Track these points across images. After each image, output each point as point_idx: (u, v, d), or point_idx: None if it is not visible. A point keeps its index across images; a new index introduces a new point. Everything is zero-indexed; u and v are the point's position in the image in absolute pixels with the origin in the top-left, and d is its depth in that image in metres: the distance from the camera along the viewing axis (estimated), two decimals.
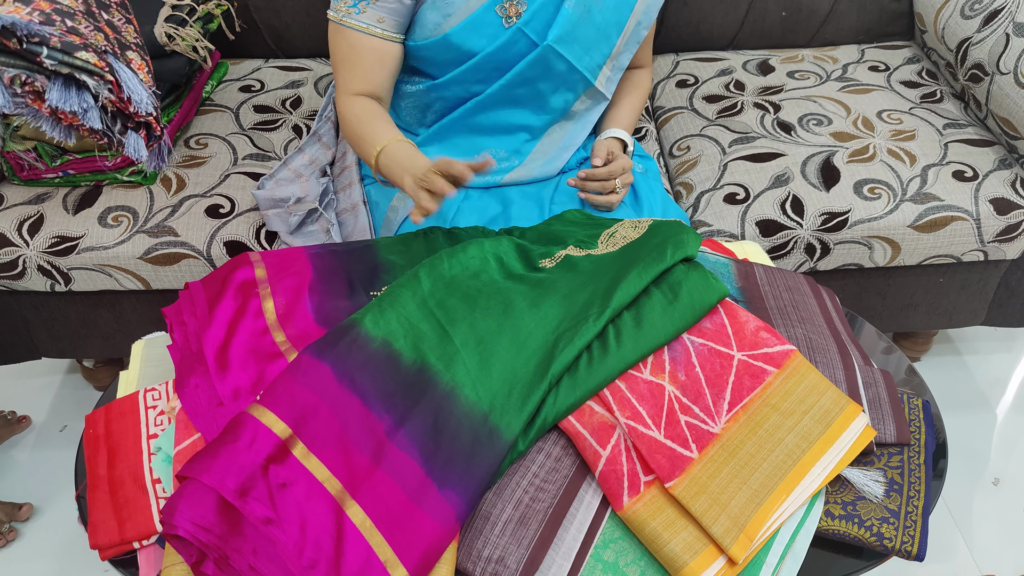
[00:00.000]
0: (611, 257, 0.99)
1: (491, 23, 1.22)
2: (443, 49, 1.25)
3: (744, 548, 0.77)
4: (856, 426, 0.88)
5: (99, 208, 1.47)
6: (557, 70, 1.26)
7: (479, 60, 1.25)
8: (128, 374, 1.05)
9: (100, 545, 0.87)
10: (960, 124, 1.61)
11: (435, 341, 0.86)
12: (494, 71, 1.27)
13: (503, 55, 1.25)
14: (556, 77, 1.28)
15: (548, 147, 1.36)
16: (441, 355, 0.84)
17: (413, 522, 0.73)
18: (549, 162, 1.36)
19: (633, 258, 0.97)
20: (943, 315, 1.67)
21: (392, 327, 0.87)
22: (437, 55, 1.26)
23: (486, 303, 0.90)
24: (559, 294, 0.92)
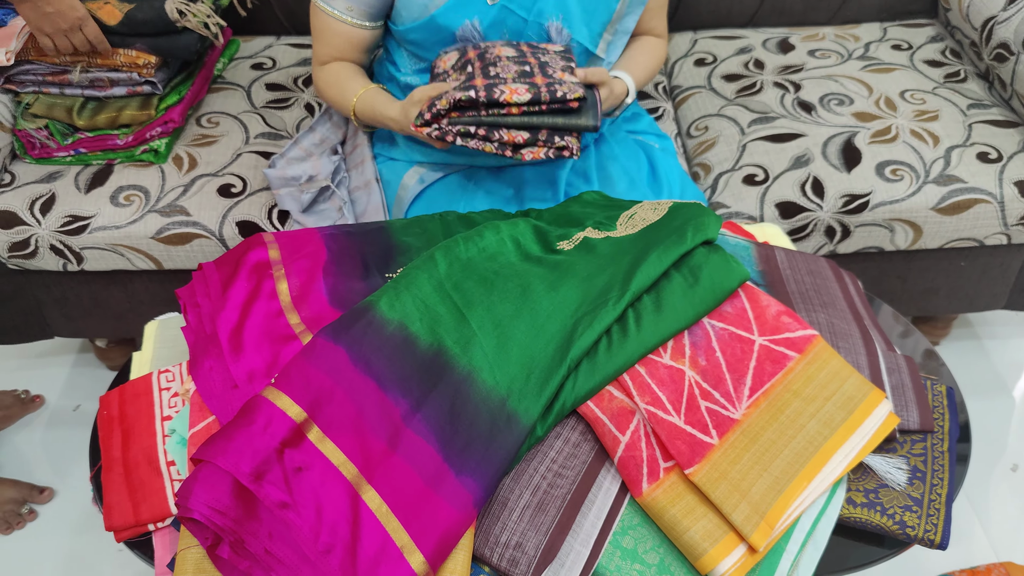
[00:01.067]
0: (630, 239, 0.98)
1: (476, 1, 1.20)
2: (430, 31, 1.23)
3: (765, 535, 0.76)
4: (879, 413, 0.86)
5: (111, 187, 1.46)
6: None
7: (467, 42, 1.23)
8: (141, 355, 1.05)
9: (115, 527, 0.87)
10: (984, 105, 1.58)
11: (452, 324, 0.84)
12: None
13: (496, 36, 1.23)
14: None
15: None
16: (458, 339, 0.83)
17: (430, 508, 0.72)
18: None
19: (653, 240, 0.95)
20: (964, 299, 1.64)
21: (408, 310, 0.85)
22: (425, 37, 1.25)
23: (503, 286, 0.89)
24: (578, 277, 0.90)
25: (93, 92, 1.46)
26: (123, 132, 1.47)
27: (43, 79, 1.45)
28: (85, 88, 1.46)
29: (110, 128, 1.47)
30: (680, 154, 1.57)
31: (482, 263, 0.92)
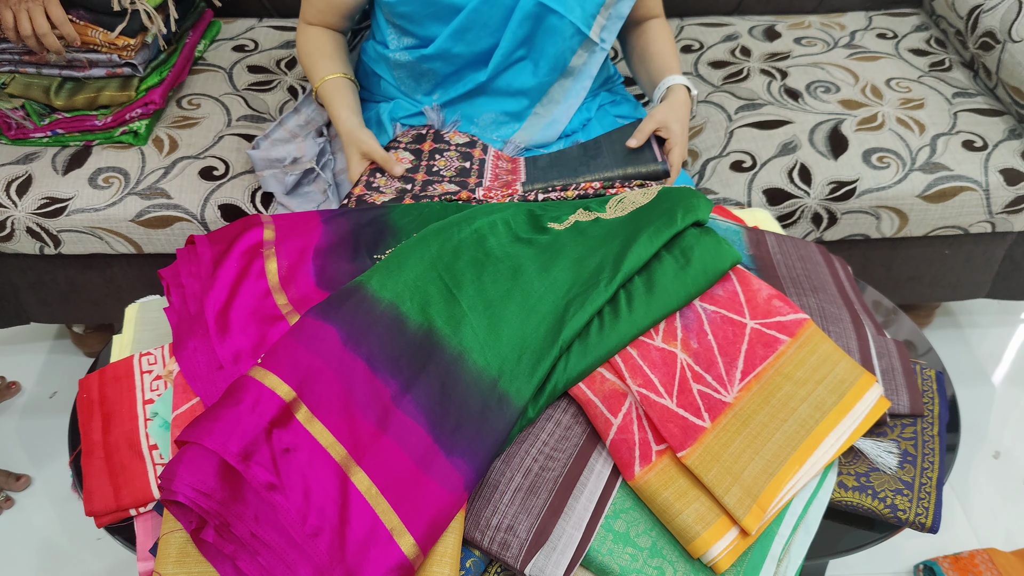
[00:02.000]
0: (620, 222, 0.97)
1: None
2: (421, 4, 1.21)
3: (757, 519, 0.76)
4: (870, 396, 0.86)
5: (89, 169, 1.43)
6: (551, 25, 1.22)
7: (464, 18, 1.21)
8: (122, 338, 1.02)
9: (96, 512, 0.85)
10: (969, 93, 1.59)
11: (442, 305, 0.83)
12: (481, 30, 1.23)
13: (488, 12, 1.21)
14: (551, 33, 1.24)
15: (547, 108, 1.32)
16: (448, 319, 0.82)
17: (420, 489, 0.71)
18: (549, 125, 1.32)
19: (643, 222, 0.94)
20: (947, 287, 1.65)
21: (399, 289, 0.84)
22: (416, 10, 1.22)
23: (494, 267, 0.87)
24: (569, 258, 0.89)
25: (71, 72, 1.43)
26: (102, 113, 1.44)
27: (19, 58, 1.41)
28: (63, 68, 1.43)
29: (88, 109, 1.44)
30: None
31: (473, 244, 0.90)
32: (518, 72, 1.27)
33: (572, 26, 1.24)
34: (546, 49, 1.24)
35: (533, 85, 1.28)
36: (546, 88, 1.29)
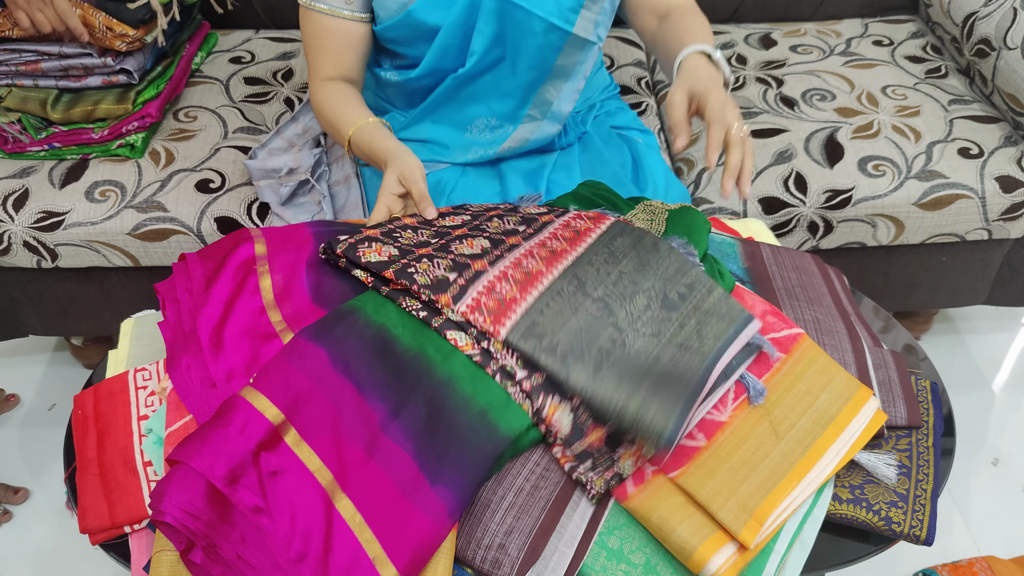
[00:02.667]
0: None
1: None
2: (407, 27, 1.20)
3: (754, 532, 0.75)
4: (867, 410, 0.86)
5: (86, 182, 1.43)
6: (521, 24, 1.16)
7: (444, 35, 1.19)
8: (117, 353, 1.02)
9: (90, 529, 0.85)
10: (965, 100, 1.59)
11: (435, 336, 0.82)
12: (463, 42, 1.20)
13: (466, 23, 1.18)
14: (520, 29, 1.17)
15: (541, 109, 1.29)
16: (439, 347, 0.81)
17: (404, 518, 0.70)
18: (542, 129, 1.31)
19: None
20: (945, 294, 1.65)
21: (392, 316, 0.83)
22: (402, 34, 1.21)
23: None
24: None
25: (68, 83, 1.43)
26: (98, 126, 1.45)
27: (16, 70, 1.42)
28: (59, 79, 1.43)
29: (85, 122, 1.45)
30: (663, 149, 1.57)
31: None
32: (499, 73, 1.24)
33: (543, 21, 1.16)
34: (520, 46, 1.19)
35: (516, 86, 1.25)
36: (535, 88, 1.26)
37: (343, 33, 1.20)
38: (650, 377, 0.78)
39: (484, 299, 0.82)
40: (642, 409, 0.75)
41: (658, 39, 1.23)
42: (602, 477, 0.76)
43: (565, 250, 0.90)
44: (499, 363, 0.79)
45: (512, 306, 0.82)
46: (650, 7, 1.25)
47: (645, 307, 0.85)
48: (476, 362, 0.80)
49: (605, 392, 0.76)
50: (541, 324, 0.81)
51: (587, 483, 0.76)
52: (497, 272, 0.86)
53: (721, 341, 0.83)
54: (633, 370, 0.79)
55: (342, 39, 1.21)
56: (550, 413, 0.77)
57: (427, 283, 0.84)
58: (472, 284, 0.84)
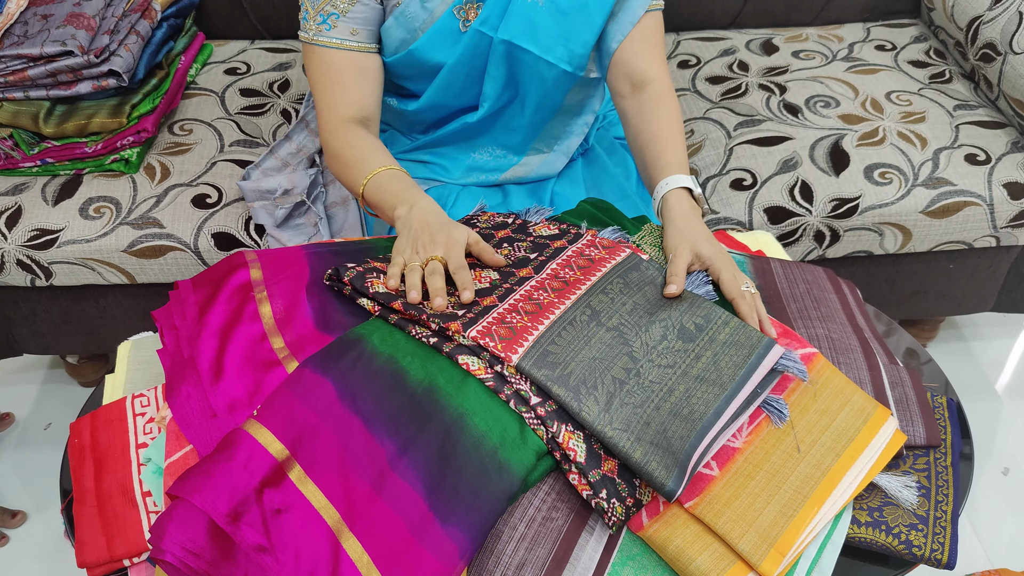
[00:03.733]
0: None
1: (451, 30, 1.13)
2: (410, 64, 1.17)
3: (776, 564, 0.73)
4: (886, 430, 0.84)
5: (80, 199, 1.41)
6: (531, 67, 1.14)
7: (447, 73, 1.16)
8: (114, 378, 1.00)
9: (88, 563, 0.82)
10: (971, 105, 1.57)
11: (446, 362, 0.80)
12: (466, 80, 1.17)
13: (470, 63, 1.15)
14: (529, 73, 1.15)
15: (548, 143, 1.29)
16: (451, 377, 0.78)
17: (413, 560, 0.68)
18: (548, 162, 1.30)
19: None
20: (952, 302, 1.63)
21: (401, 344, 0.81)
22: (404, 70, 1.19)
23: None
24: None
25: (58, 92, 1.40)
26: (92, 140, 1.42)
27: (5, 81, 1.38)
28: (49, 88, 1.40)
29: (79, 136, 1.42)
30: None
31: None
32: (510, 113, 1.23)
33: (553, 67, 1.14)
34: (530, 89, 1.17)
35: (525, 124, 1.23)
36: (542, 125, 1.24)
37: (354, 65, 1.12)
38: (654, 425, 0.76)
39: (495, 327, 0.80)
40: (644, 460, 0.74)
41: (633, 134, 1.14)
42: (623, 504, 0.74)
43: (579, 280, 0.88)
44: (513, 388, 0.77)
45: (524, 334, 0.80)
46: (625, 72, 1.15)
47: (661, 337, 0.83)
48: (490, 387, 0.77)
49: (613, 434, 0.74)
50: (554, 353, 0.79)
51: (607, 510, 0.74)
52: (507, 305, 0.84)
53: (743, 370, 0.81)
54: (643, 409, 0.77)
55: (354, 72, 1.12)
56: (565, 440, 0.75)
57: (436, 313, 0.82)
58: (482, 316, 0.82)
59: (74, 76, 1.39)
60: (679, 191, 1.02)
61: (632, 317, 0.85)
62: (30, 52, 1.35)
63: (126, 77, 1.41)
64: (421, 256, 0.89)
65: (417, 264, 0.88)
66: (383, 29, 1.13)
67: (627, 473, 0.76)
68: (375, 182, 1.03)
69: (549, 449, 0.76)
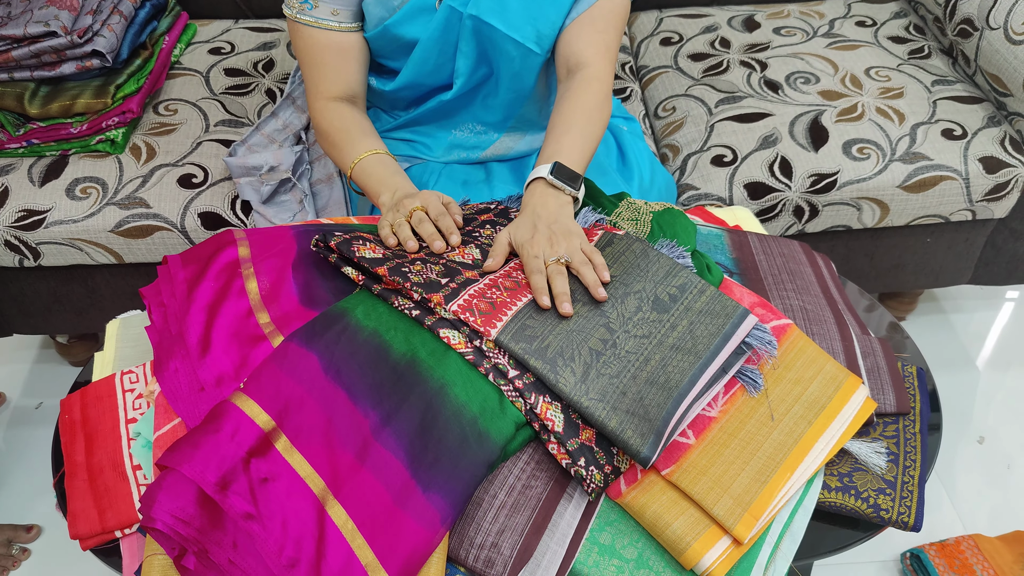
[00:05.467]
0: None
1: (426, 7, 1.13)
2: (386, 40, 1.17)
3: (749, 527, 0.76)
4: (857, 398, 0.86)
5: (66, 179, 1.41)
6: (498, 44, 1.13)
7: (421, 50, 1.16)
8: (103, 355, 1.02)
9: (80, 535, 0.85)
10: (949, 81, 1.59)
11: (428, 335, 0.82)
12: (440, 57, 1.17)
13: (442, 38, 1.15)
14: (497, 50, 1.14)
15: (525, 123, 1.29)
16: (433, 350, 0.81)
17: (396, 525, 0.71)
18: (527, 141, 1.31)
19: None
20: (930, 275, 1.66)
21: (384, 318, 0.83)
22: (381, 47, 1.19)
23: None
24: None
25: (43, 73, 1.41)
26: (77, 120, 1.43)
27: None
28: (34, 69, 1.41)
29: (64, 117, 1.43)
30: (648, 135, 1.56)
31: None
32: (486, 90, 1.23)
33: (520, 46, 1.13)
34: (502, 67, 1.17)
35: (500, 101, 1.23)
36: (517, 106, 1.24)
37: (335, 46, 1.14)
38: (630, 394, 0.78)
39: (476, 301, 0.82)
40: (619, 428, 0.76)
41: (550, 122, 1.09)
42: (601, 471, 0.76)
43: None
44: (492, 362, 0.79)
45: (503, 309, 0.82)
46: (563, 55, 1.12)
47: (636, 308, 0.86)
48: (469, 360, 0.80)
49: (589, 404, 0.77)
50: (532, 328, 0.81)
51: (587, 477, 0.76)
52: (488, 280, 0.87)
53: (717, 339, 0.84)
54: (619, 379, 0.79)
55: (335, 52, 1.15)
56: (543, 411, 0.77)
57: (419, 282, 0.84)
58: (464, 288, 0.84)
59: (58, 57, 1.40)
60: (539, 184, 0.98)
61: (608, 290, 0.87)
62: (13, 33, 1.35)
63: (110, 57, 1.41)
64: (403, 213, 0.96)
65: (402, 218, 0.95)
66: (364, 6, 1.14)
67: (605, 442, 0.78)
68: (361, 167, 1.09)
69: (528, 420, 0.78)
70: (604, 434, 0.77)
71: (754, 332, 0.86)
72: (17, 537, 1.50)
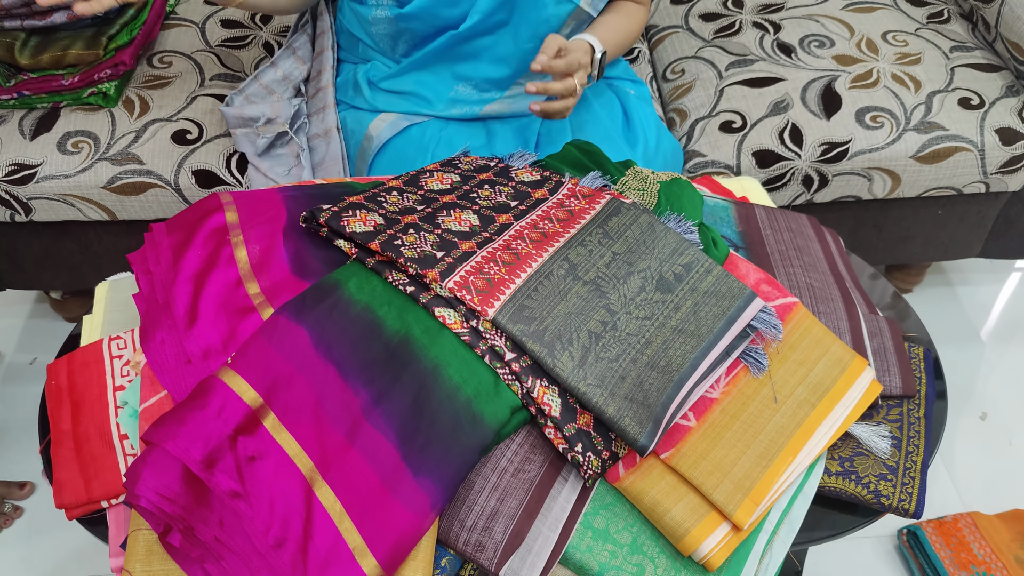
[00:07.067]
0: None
1: None
2: None
3: (749, 513, 0.74)
4: (862, 381, 0.84)
5: (58, 133, 1.38)
6: None
7: None
8: (92, 319, 0.99)
9: (66, 504, 0.83)
10: (967, 47, 1.54)
11: (422, 313, 0.79)
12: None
13: None
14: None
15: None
16: (427, 328, 0.78)
17: (385, 509, 0.69)
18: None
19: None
20: (939, 247, 1.63)
21: (377, 292, 0.80)
22: None
23: None
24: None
25: (33, 22, 1.36)
26: (68, 72, 1.39)
27: None
28: (24, 18, 1.36)
29: (55, 68, 1.39)
30: (655, 99, 1.52)
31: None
32: (499, 37, 1.21)
33: None
34: (528, 15, 1.17)
35: (514, 53, 1.22)
36: (529, 58, 1.22)
37: None
38: (629, 379, 0.76)
39: (473, 278, 0.79)
40: (617, 415, 0.74)
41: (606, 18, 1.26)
42: (599, 457, 0.75)
43: (557, 232, 0.87)
44: (488, 343, 0.77)
45: (501, 287, 0.79)
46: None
47: (639, 288, 0.83)
48: (465, 341, 0.77)
49: (586, 389, 0.74)
50: (530, 308, 0.78)
51: (583, 463, 0.74)
52: (485, 253, 0.83)
53: (721, 322, 0.81)
54: (619, 362, 0.77)
55: None
56: (540, 395, 0.75)
57: (414, 256, 0.81)
58: (460, 263, 0.81)
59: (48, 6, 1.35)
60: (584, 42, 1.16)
61: (610, 269, 0.84)
62: None
63: (102, 12, 1.36)
64: None
65: None
66: None
67: (603, 427, 0.76)
68: None
69: (524, 404, 0.76)
70: (602, 420, 0.75)
71: (760, 315, 0.83)
72: (10, 494, 1.49)
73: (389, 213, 0.88)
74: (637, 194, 0.97)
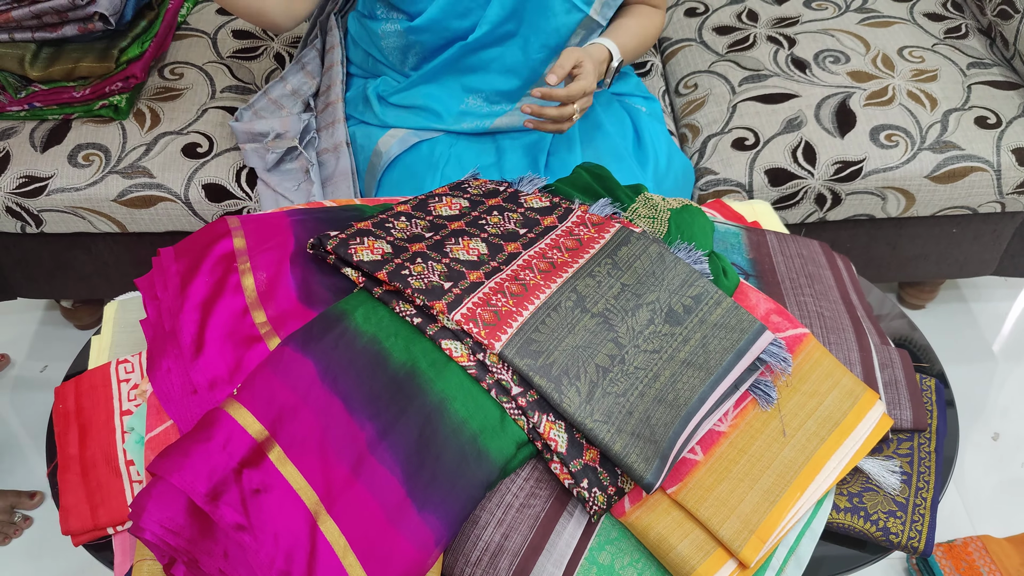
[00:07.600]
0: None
1: None
2: None
3: (756, 550, 0.73)
4: (873, 415, 0.83)
5: (69, 145, 1.38)
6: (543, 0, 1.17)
7: None
8: (100, 340, 1.00)
9: (73, 531, 0.83)
10: (985, 64, 1.52)
11: (429, 345, 0.78)
12: (472, 4, 1.17)
13: None
14: (543, 8, 1.18)
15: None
16: (434, 361, 0.77)
17: (389, 545, 0.68)
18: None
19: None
20: (953, 265, 1.61)
21: (384, 323, 0.79)
22: None
23: None
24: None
25: (44, 34, 1.36)
26: (79, 84, 1.39)
27: None
28: (35, 30, 1.36)
29: (66, 80, 1.39)
30: (667, 113, 1.51)
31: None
32: (507, 48, 1.21)
33: (567, 2, 1.17)
34: (538, 25, 1.18)
35: (523, 63, 1.22)
36: (539, 69, 1.23)
37: None
38: (637, 414, 0.75)
39: (480, 310, 0.79)
40: (624, 452, 0.73)
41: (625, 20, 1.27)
42: (604, 493, 0.74)
43: (566, 262, 0.86)
44: (495, 377, 0.76)
45: (508, 319, 0.79)
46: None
47: (648, 321, 0.82)
48: (471, 375, 0.77)
49: (593, 425, 0.74)
50: (538, 341, 0.78)
51: (589, 499, 0.73)
52: (493, 284, 0.83)
53: (730, 355, 0.80)
54: (626, 397, 0.76)
55: None
56: (546, 430, 0.74)
57: (421, 287, 0.80)
58: (468, 295, 0.80)
59: (59, 18, 1.35)
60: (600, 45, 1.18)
61: (619, 301, 0.83)
62: None
63: (113, 20, 1.37)
64: None
65: None
66: None
67: (609, 462, 0.75)
68: None
69: (530, 438, 0.75)
70: (608, 456, 0.74)
71: (769, 348, 0.83)
72: (20, 503, 1.49)
73: (397, 240, 0.88)
74: (647, 222, 0.96)
